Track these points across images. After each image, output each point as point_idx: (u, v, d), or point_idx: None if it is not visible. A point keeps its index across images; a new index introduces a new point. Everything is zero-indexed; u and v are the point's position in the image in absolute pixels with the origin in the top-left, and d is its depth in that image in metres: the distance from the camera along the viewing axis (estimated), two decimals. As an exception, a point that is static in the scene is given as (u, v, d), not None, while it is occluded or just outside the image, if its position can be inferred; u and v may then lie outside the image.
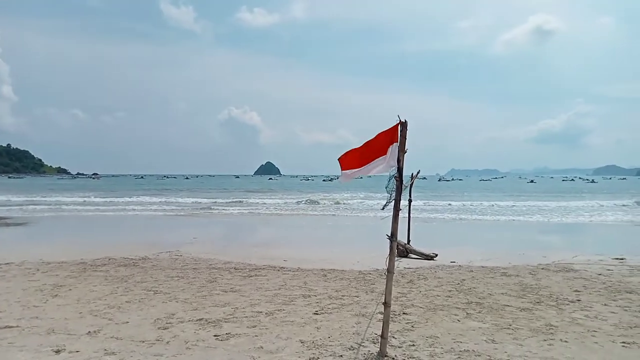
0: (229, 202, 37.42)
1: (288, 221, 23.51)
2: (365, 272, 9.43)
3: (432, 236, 17.05)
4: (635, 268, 9.79)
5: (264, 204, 35.95)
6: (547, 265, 10.15)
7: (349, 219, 24.56)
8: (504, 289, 7.79)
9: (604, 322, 5.86)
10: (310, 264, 10.25)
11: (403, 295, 7.37)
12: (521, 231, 19.68)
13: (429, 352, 4.73)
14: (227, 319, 5.94)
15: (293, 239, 16.46)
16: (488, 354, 4.67)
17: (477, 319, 5.99)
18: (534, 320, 5.92)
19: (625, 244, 14.67)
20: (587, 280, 8.58)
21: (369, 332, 5.41)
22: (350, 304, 6.82)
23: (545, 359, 4.56)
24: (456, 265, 10.36)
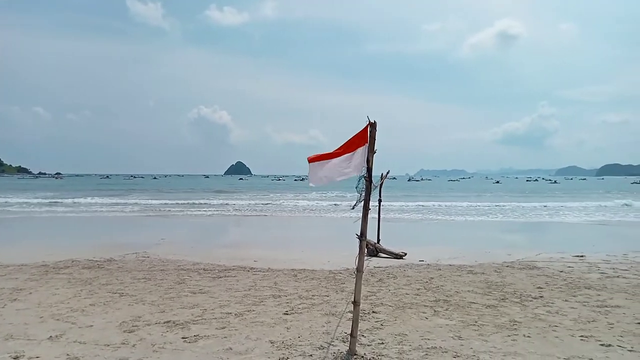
0: (198, 203, 36.86)
1: (258, 222, 23.36)
2: (335, 271, 9.47)
3: (401, 235, 17.29)
4: (593, 265, 10.20)
5: (233, 204, 35.59)
6: (512, 263, 10.44)
7: (319, 219, 24.62)
8: (471, 287, 7.97)
9: (565, 317, 6.08)
10: (281, 264, 10.22)
11: (373, 294, 7.44)
12: (487, 230, 20.18)
13: (397, 350, 4.79)
14: (195, 321, 5.86)
15: (263, 240, 16.36)
16: (454, 350, 4.77)
17: (445, 316, 6.11)
18: (498, 317, 6.09)
19: (584, 242, 15.24)
20: (549, 277, 8.88)
21: (338, 331, 5.44)
22: (320, 303, 6.84)
23: (509, 354, 4.69)
24: (425, 264, 10.54)
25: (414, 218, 25.18)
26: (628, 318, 6.03)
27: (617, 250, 12.43)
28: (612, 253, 11.86)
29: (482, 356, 4.61)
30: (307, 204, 35.55)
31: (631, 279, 8.63)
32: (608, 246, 13.53)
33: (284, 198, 44.89)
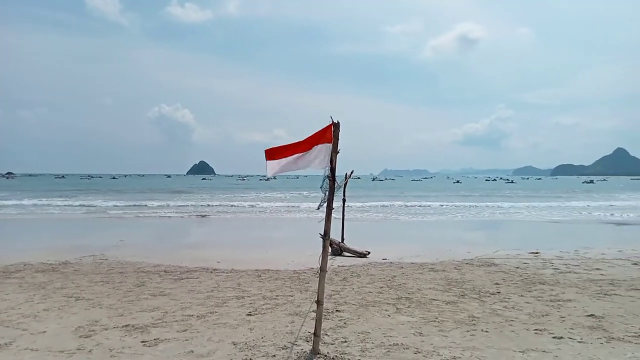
0: (159, 203, 36.00)
1: (222, 222, 23.06)
2: (300, 271, 9.46)
3: (365, 234, 17.48)
4: (547, 261, 10.63)
5: (196, 205, 34.99)
6: (471, 260, 10.75)
7: (284, 219, 24.56)
8: (432, 284, 8.15)
9: (520, 312, 6.30)
10: (245, 264, 10.13)
11: (336, 292, 7.48)
12: (448, 229, 20.70)
13: (360, 348, 4.84)
14: (155, 324, 5.71)
15: (227, 240, 16.16)
16: (415, 347, 4.86)
17: (406, 314, 6.22)
18: (458, 313, 6.25)
19: (539, 240, 15.87)
20: (506, 273, 9.20)
21: (302, 330, 5.44)
22: (284, 303, 6.81)
23: (467, 348, 4.82)
24: (388, 262, 10.69)
25: (378, 217, 25.53)
26: (578, 311, 6.31)
27: (569, 247, 13.02)
28: (565, 250, 12.41)
29: (441, 351, 4.72)
30: (271, 205, 35.38)
31: (582, 274, 9.05)
32: (561, 243, 14.13)
33: (248, 198, 44.52)
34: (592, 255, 11.53)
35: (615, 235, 18.52)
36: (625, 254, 11.63)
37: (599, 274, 9.10)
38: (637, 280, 8.46)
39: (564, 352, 4.70)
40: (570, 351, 4.74)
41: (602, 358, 4.55)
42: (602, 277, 8.78)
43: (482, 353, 4.68)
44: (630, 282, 8.29)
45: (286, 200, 41.37)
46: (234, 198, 45.11)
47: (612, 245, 13.28)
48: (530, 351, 4.74)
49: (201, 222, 22.98)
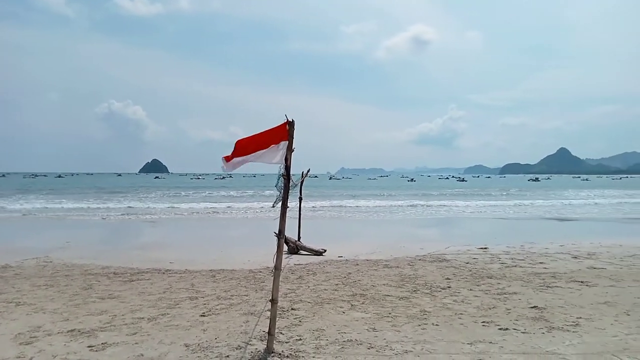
0: (108, 203, 34.70)
1: (175, 222, 22.48)
2: (255, 270, 9.38)
3: (321, 233, 17.56)
4: (495, 256, 11.08)
5: (148, 204, 33.98)
6: (424, 257, 11.04)
7: (240, 218, 24.27)
8: (386, 280, 8.30)
9: (469, 305, 6.54)
10: (199, 265, 9.94)
11: (292, 291, 7.48)
12: (403, 226, 21.17)
13: (314, 345, 4.86)
14: (103, 328, 5.50)
15: (180, 241, 15.76)
16: (369, 342, 4.94)
17: (361, 310, 6.30)
18: (410, 308, 6.41)
19: (488, 235, 16.53)
20: (457, 268, 9.51)
21: (257, 330, 5.40)
22: (239, 303, 6.74)
23: (418, 342, 4.95)
24: (343, 259, 10.80)
25: (334, 215, 25.72)
26: (523, 303, 6.62)
27: (516, 242, 13.63)
28: (511, 245, 12.99)
29: (394, 346, 4.82)
30: (227, 204, 34.88)
31: (526, 268, 9.50)
32: (508, 239, 14.77)
33: (203, 197, 43.71)
34: (536, 249, 12.12)
35: (558, 231, 19.55)
36: (566, 248, 12.31)
37: (542, 267, 9.58)
38: (576, 272, 8.98)
39: (508, 343, 4.92)
40: (515, 341, 4.97)
41: (543, 347, 4.79)
42: (545, 270, 9.24)
43: (433, 346, 4.82)
44: (570, 274, 8.78)
45: (242, 199, 40.89)
46: (188, 197, 44.16)
47: (555, 240, 14.01)
48: (478, 343, 4.93)
49: (153, 223, 22.27)
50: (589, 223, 22.50)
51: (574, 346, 4.81)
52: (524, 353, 4.62)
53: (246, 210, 28.78)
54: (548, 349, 4.73)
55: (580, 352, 4.62)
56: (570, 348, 4.75)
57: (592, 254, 11.23)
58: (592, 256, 10.96)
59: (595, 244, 13.06)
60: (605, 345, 4.82)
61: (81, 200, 36.65)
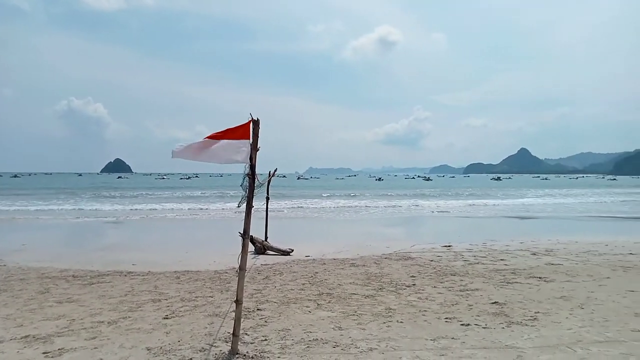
0: (68, 204, 33.52)
1: (138, 223, 21.93)
2: (221, 271, 9.27)
3: (289, 232, 17.54)
4: (458, 254, 11.34)
5: (110, 205, 33.01)
6: (390, 255, 11.18)
7: (205, 219, 23.91)
8: (352, 279, 8.36)
9: (433, 302, 6.66)
10: (163, 266, 9.73)
11: (258, 291, 7.42)
12: (369, 225, 21.37)
13: (280, 345, 4.84)
14: (60, 333, 5.30)
15: (143, 242, 15.38)
16: (334, 341, 4.96)
17: (327, 309, 6.32)
18: (376, 306, 6.47)
19: (452, 234, 16.89)
20: (421, 266, 9.67)
21: (221, 331, 5.33)
22: (203, 304, 6.63)
23: (383, 339, 5.01)
24: (310, 259, 10.80)
25: (302, 215, 25.71)
26: (484, 299, 6.81)
27: (478, 239, 14.00)
28: (474, 242, 13.33)
29: (359, 344, 4.86)
30: (192, 204, 34.32)
31: (488, 265, 9.77)
32: (471, 236, 15.14)
33: (167, 198, 42.85)
34: (497, 247, 12.49)
35: (518, 229, 20.21)
36: (526, 245, 12.73)
37: (503, 264, 9.87)
38: (535, 268, 9.29)
39: (470, 338, 5.04)
40: (476, 336, 5.09)
41: (502, 341, 4.94)
42: (505, 267, 9.53)
43: (397, 343, 4.88)
44: (529, 270, 9.09)
45: (208, 199, 40.30)
46: (152, 197, 43.18)
47: (515, 238, 14.47)
48: (441, 338, 5.03)
49: (115, 224, 21.64)
50: (547, 221, 23.37)
51: (532, 340, 4.97)
52: (484, 348, 4.74)
53: (212, 210, 28.39)
54: (507, 343, 4.88)
55: (537, 346, 4.78)
56: (528, 342, 4.91)
57: (550, 251, 11.66)
58: (549, 253, 11.38)
59: (553, 241, 13.56)
60: (561, 338, 5.01)
61: (39, 201, 35.23)
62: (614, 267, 9.32)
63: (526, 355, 4.50)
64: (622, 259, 10.33)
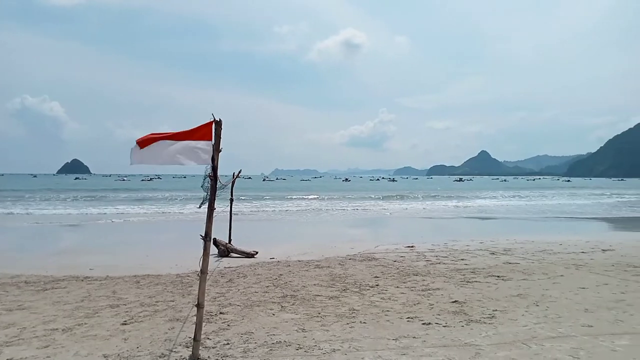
0: (19, 207, 32.03)
1: (95, 226, 21.19)
2: (183, 275, 9.09)
3: (253, 234, 17.38)
4: (421, 254, 11.55)
5: (66, 207, 31.78)
6: (354, 256, 11.26)
7: (167, 221, 23.39)
8: (317, 280, 8.37)
9: (395, 302, 6.75)
10: (122, 270, 9.44)
11: (221, 294, 7.32)
12: (335, 226, 21.48)
13: (242, 349, 4.78)
14: (9, 342, 5.04)
15: (101, 246, 14.83)
16: (298, 343, 4.94)
17: (291, 311, 6.30)
18: (339, 307, 6.50)
19: (415, 234, 17.20)
20: (385, 266, 9.79)
21: (182, 336, 5.21)
22: (164, 309, 6.48)
23: (346, 340, 5.03)
24: (275, 261, 10.74)
25: (267, 217, 25.55)
26: (445, 298, 6.96)
27: (440, 240, 14.31)
28: (436, 243, 13.62)
29: (322, 345, 4.86)
30: (153, 206, 33.50)
31: (449, 265, 9.99)
32: (433, 237, 15.48)
33: (127, 199, 41.66)
34: (458, 247, 12.80)
35: (478, 229, 20.80)
36: (485, 245, 13.11)
37: (463, 263, 10.13)
38: (493, 267, 9.58)
39: (430, 337, 5.14)
40: (436, 335, 5.20)
41: (462, 339, 5.06)
42: (466, 266, 9.78)
43: (360, 343, 4.92)
44: (488, 269, 9.36)
45: (171, 201, 39.42)
46: (111, 199, 41.88)
47: (475, 238, 14.88)
48: (402, 338, 5.10)
49: (71, 227, 20.82)
50: (505, 221, 24.17)
51: (489, 337, 5.12)
52: (444, 346, 4.84)
53: (174, 212, 27.79)
54: (466, 340, 5.00)
55: (494, 343, 4.93)
56: (486, 339, 5.05)
57: (507, 250, 12.05)
58: (507, 252, 11.76)
59: (511, 241, 14.03)
60: (517, 335, 5.18)
61: None
62: (567, 266, 9.72)
63: (484, 352, 4.63)
64: (575, 258, 10.79)
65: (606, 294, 7.16)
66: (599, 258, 10.71)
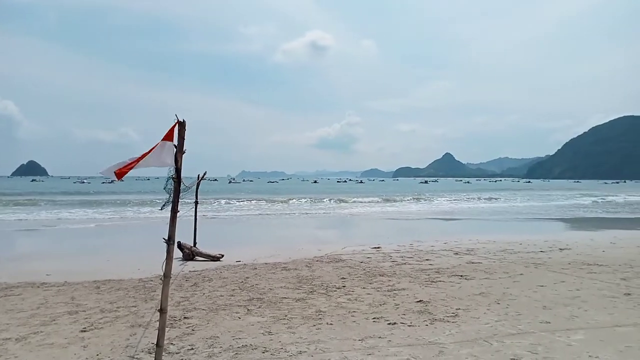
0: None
1: (52, 231, 20.34)
2: (146, 279, 8.86)
3: (219, 237, 17.14)
4: (387, 255, 11.69)
5: (20, 211, 30.44)
6: (321, 258, 11.28)
7: (130, 224, 22.75)
8: (283, 283, 8.33)
9: (362, 303, 6.80)
10: (81, 276, 9.12)
11: (186, 299, 7.18)
12: (302, 228, 21.46)
13: (207, 353, 4.70)
14: (-42, 354, 4.78)
15: (59, 251, 14.23)
16: (264, 346, 4.91)
17: (257, 314, 6.24)
18: (306, 309, 6.49)
19: (381, 235, 17.39)
20: (352, 268, 9.86)
21: (144, 342, 5.08)
22: (126, 315, 6.29)
23: (313, 342, 5.03)
24: (241, 264, 10.63)
25: (233, 219, 25.25)
26: (410, 298, 7.06)
27: (406, 241, 14.52)
28: (402, 243, 13.80)
29: (289, 347, 4.84)
30: (114, 209, 32.53)
31: (414, 265, 10.15)
32: (399, 238, 15.69)
33: (85, 202, 40.29)
34: (423, 247, 13.02)
35: (443, 229, 21.25)
36: (449, 245, 13.40)
37: (428, 264, 10.31)
38: (457, 267, 9.80)
39: (396, 336, 5.21)
40: (402, 335, 5.27)
41: (426, 338, 5.15)
42: (430, 266, 9.96)
43: (326, 345, 4.93)
44: (452, 269, 9.57)
45: (134, 204, 38.37)
46: (69, 203, 40.36)
47: (440, 238, 15.18)
48: (368, 338, 5.15)
49: (27, 232, 19.92)
50: (469, 222, 24.79)
51: (453, 335, 5.23)
52: (409, 345, 4.91)
53: (137, 216, 27.05)
54: (430, 339, 5.09)
55: (457, 341, 5.03)
56: (449, 337, 5.15)
57: (470, 250, 12.35)
58: (470, 252, 12.06)
59: (474, 241, 14.39)
60: (479, 333, 5.31)
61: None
62: (526, 264, 10.06)
63: (447, 351, 4.72)
64: (534, 257, 11.18)
65: (563, 291, 7.45)
66: (556, 257, 11.13)
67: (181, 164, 4.51)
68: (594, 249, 12.49)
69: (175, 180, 4.49)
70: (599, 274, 8.84)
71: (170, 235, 4.50)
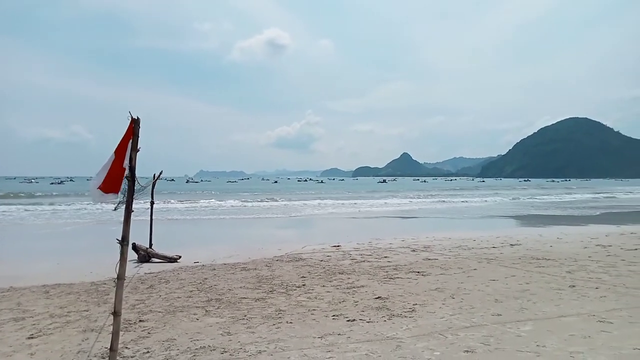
0: None
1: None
2: (99, 282, 8.55)
3: (176, 238, 16.75)
4: (346, 253, 11.81)
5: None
6: (281, 257, 11.26)
7: (82, 225, 21.84)
8: (243, 283, 8.26)
9: (321, 301, 6.85)
10: (28, 280, 8.68)
11: (141, 302, 6.98)
12: (261, 228, 21.31)
13: (164, 356, 4.60)
14: None
15: (2, 254, 13.53)
16: (223, 347, 4.85)
17: (216, 315, 6.16)
18: (266, 308, 6.47)
19: (341, 234, 17.53)
20: (312, 266, 9.89)
21: (97, 347, 4.90)
22: (77, 320, 6.05)
23: (272, 341, 5.02)
24: (199, 265, 10.44)
25: (191, 219, 24.75)
26: (369, 295, 7.17)
27: (365, 239, 14.72)
28: (361, 242, 13.99)
29: (248, 347, 4.81)
30: (63, 207, 31.15)
31: (373, 262, 10.31)
32: (358, 236, 15.87)
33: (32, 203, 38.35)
34: (382, 245, 13.25)
35: (400, 227, 21.68)
36: (407, 243, 13.70)
37: (386, 261, 10.50)
38: (414, 264, 10.03)
39: (355, 333, 5.28)
40: (360, 331, 5.35)
41: (384, 333, 5.25)
42: (389, 263, 10.15)
43: (286, 343, 4.93)
44: (410, 266, 9.79)
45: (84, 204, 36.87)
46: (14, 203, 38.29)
47: (398, 236, 15.49)
48: (328, 335, 5.19)
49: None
50: (426, 220, 25.41)
51: (410, 330, 5.36)
52: (367, 341, 4.99)
53: (89, 217, 26.01)
54: (388, 334, 5.19)
55: (414, 335, 5.16)
56: (406, 332, 5.28)
57: (427, 247, 12.68)
58: (427, 249, 12.37)
59: (430, 238, 14.77)
60: (434, 326, 5.47)
61: None
62: (480, 260, 10.43)
63: (404, 345, 4.83)
64: (487, 252, 11.61)
65: (513, 284, 7.78)
66: (507, 252, 11.61)
67: (135, 163, 4.39)
68: (543, 244, 13.12)
69: (130, 180, 4.37)
70: (547, 268, 9.29)
71: (124, 236, 4.36)
